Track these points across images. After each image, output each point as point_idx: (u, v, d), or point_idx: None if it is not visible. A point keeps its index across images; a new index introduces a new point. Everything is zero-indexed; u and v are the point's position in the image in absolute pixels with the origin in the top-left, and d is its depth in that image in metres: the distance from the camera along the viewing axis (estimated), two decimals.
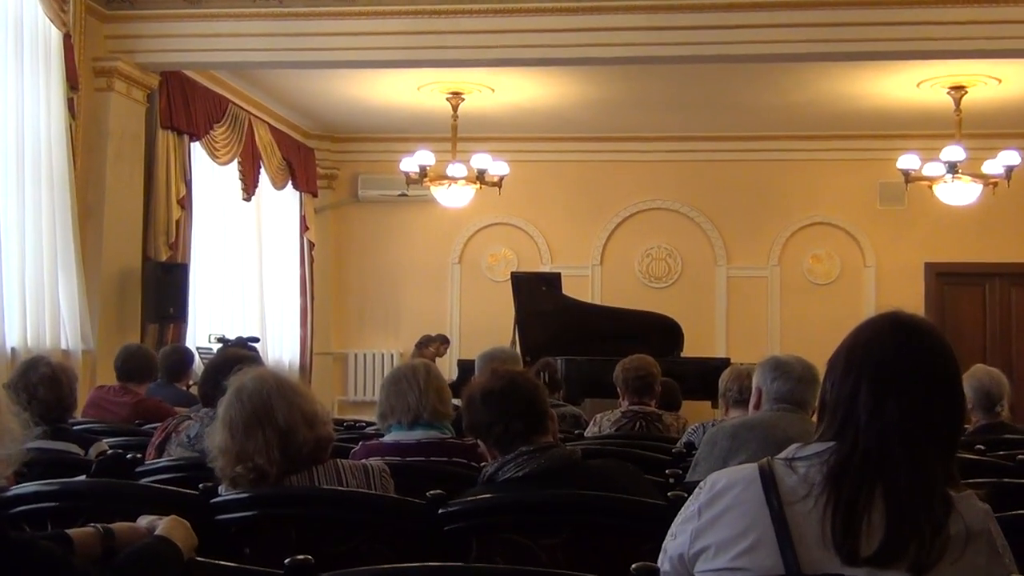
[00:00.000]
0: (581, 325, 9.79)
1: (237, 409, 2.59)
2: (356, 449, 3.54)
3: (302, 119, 11.65)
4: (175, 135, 8.83)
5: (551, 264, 12.04)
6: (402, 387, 3.48)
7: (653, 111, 10.88)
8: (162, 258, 8.55)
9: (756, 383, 3.57)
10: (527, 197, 11.98)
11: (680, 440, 4.43)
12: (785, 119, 11.03)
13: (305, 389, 2.70)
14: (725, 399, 4.47)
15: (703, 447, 3.55)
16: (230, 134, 9.78)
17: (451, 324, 12.16)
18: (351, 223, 12.50)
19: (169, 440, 3.76)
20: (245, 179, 10.22)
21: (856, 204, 11.80)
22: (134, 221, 8.46)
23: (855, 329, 1.75)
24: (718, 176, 11.93)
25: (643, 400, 5.11)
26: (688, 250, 12.04)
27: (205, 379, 3.84)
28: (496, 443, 2.65)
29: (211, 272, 9.73)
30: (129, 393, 5.65)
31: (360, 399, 12.21)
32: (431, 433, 3.46)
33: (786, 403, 3.45)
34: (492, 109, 10.63)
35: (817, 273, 11.91)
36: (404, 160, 9.59)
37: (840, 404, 1.67)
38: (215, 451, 2.61)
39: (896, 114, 10.57)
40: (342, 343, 12.44)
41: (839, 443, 1.65)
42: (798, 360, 3.55)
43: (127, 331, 8.21)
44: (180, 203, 8.81)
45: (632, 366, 5.15)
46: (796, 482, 1.63)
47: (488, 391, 2.68)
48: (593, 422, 5.17)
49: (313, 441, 2.62)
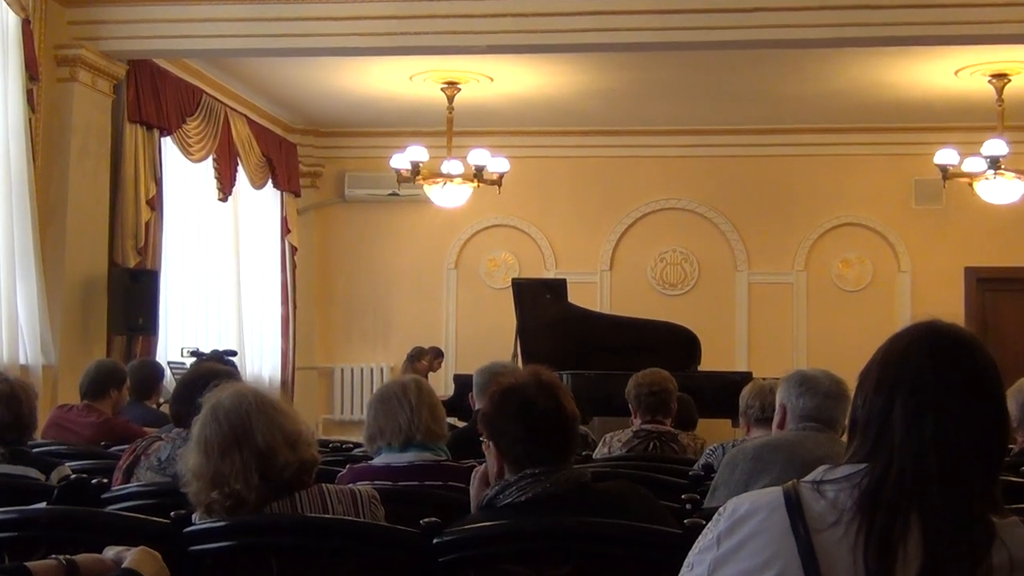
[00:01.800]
0: (589, 336, 9.78)
1: (213, 429, 2.59)
2: (343, 473, 3.53)
3: (283, 112, 11.66)
4: (144, 130, 8.84)
5: (556, 270, 12.04)
6: (392, 405, 3.49)
7: (667, 102, 10.89)
8: (130, 264, 8.56)
9: (780, 400, 3.57)
10: (529, 196, 11.99)
11: (697, 462, 4.44)
12: (811, 110, 11.04)
13: (287, 407, 2.70)
14: (746, 417, 4.47)
15: (722, 470, 3.55)
16: (204, 128, 9.80)
17: (446, 335, 12.16)
18: (337, 225, 12.51)
19: (138, 463, 3.76)
20: (221, 177, 10.24)
21: (889, 203, 11.81)
22: (99, 224, 8.47)
23: (888, 340, 1.74)
24: (738, 173, 11.94)
25: (657, 418, 5.12)
26: (706, 254, 12.05)
27: (177, 396, 3.84)
28: (513, 459, 2.59)
29: (184, 279, 9.74)
30: (94, 412, 5.65)
31: (347, 418, 12.20)
32: (424, 455, 3.46)
33: (813, 421, 3.46)
34: (491, 100, 10.64)
35: (847, 279, 11.92)
36: (395, 156, 9.60)
37: (872, 422, 1.67)
38: (188, 475, 2.61)
39: (933, 105, 10.58)
40: (327, 357, 12.44)
41: (871, 465, 1.65)
42: (826, 375, 3.55)
43: (92, 344, 8.21)
44: (150, 204, 8.83)
45: (645, 381, 5.15)
46: (825, 508, 1.63)
47: (529, 405, 2.59)
48: (602, 442, 5.17)
49: (296, 464, 2.61)
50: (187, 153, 9.55)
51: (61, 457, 4.38)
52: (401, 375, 9.87)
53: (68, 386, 7.45)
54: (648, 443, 5.03)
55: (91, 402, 5.71)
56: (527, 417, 2.58)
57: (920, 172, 11.17)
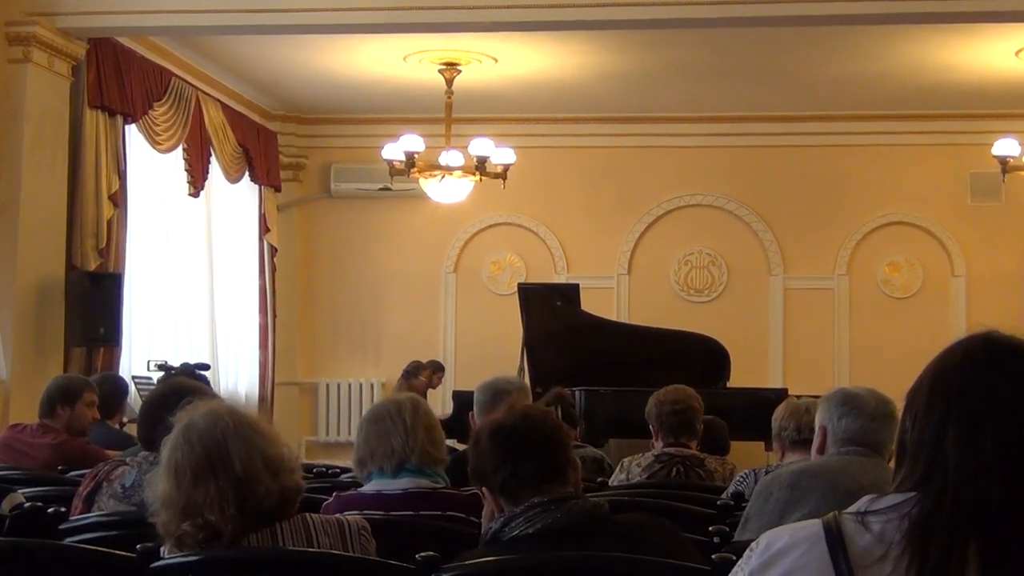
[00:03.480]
0: (604, 348, 9.79)
1: (184, 452, 2.60)
2: (329, 502, 3.54)
3: (262, 97, 11.68)
4: (106, 116, 8.85)
5: (567, 274, 12.05)
6: (384, 426, 3.49)
7: (691, 85, 10.89)
8: (90, 267, 8.57)
9: (820, 421, 3.57)
10: (538, 191, 11.99)
11: (727, 490, 4.45)
12: (854, 95, 11.03)
13: (268, 428, 2.71)
14: (781, 440, 4.47)
15: (755, 499, 3.55)
16: (174, 115, 9.82)
17: (444, 347, 12.16)
18: (322, 223, 12.52)
19: (100, 490, 3.76)
20: (192, 170, 10.25)
21: (942, 199, 11.80)
22: (56, 222, 8.48)
23: (941, 353, 1.75)
24: (772, 165, 11.93)
25: (681, 441, 5.11)
26: (735, 256, 12.05)
27: (144, 416, 3.84)
28: (502, 490, 2.65)
29: (151, 284, 9.75)
30: (50, 432, 5.65)
31: (333, 440, 12.21)
32: (420, 482, 3.46)
33: (856, 445, 3.46)
34: (494, 83, 10.65)
35: (894, 284, 11.91)
36: (387, 146, 9.61)
37: (924, 445, 1.67)
38: (157, 504, 2.61)
39: (991, 89, 10.57)
40: (311, 371, 12.44)
41: (923, 493, 1.65)
42: (871, 393, 3.55)
43: (47, 356, 8.22)
44: (112, 200, 8.83)
45: (667, 399, 5.14)
46: (870, 542, 1.63)
47: (498, 428, 2.69)
48: (620, 468, 5.17)
49: (277, 492, 2.62)
50: (154, 143, 9.56)
51: (13, 483, 4.39)
52: (395, 392, 9.88)
53: (21, 404, 7.47)
54: (671, 469, 5.02)
55: (44, 421, 5.71)
56: (497, 440, 2.66)
57: (976, 164, 11.16)
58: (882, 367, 10.35)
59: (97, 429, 6.07)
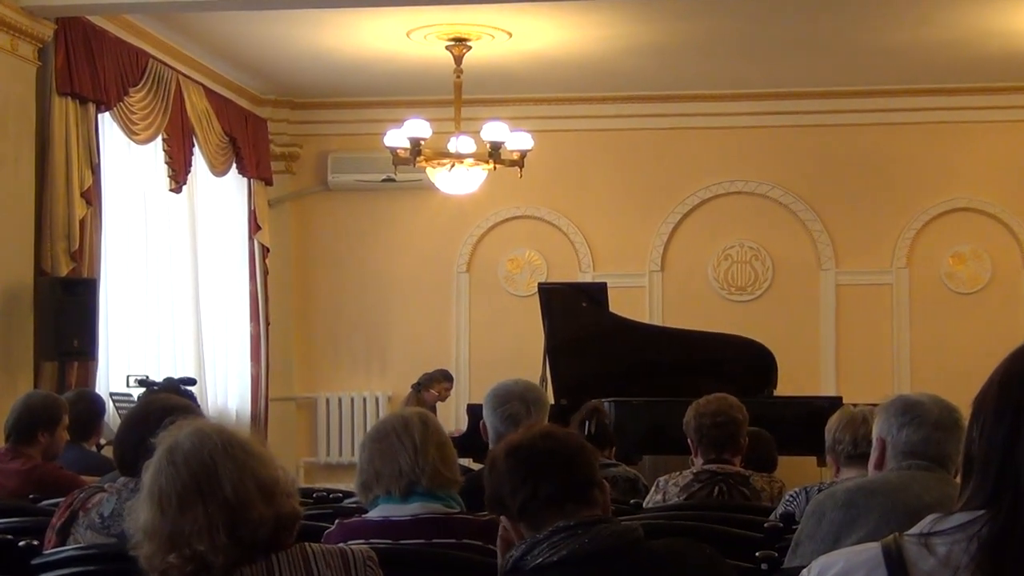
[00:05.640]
0: (636, 354, 9.78)
1: (169, 476, 2.61)
2: (331, 530, 3.54)
3: (250, 80, 11.70)
4: (77, 104, 8.87)
5: (593, 272, 12.04)
6: (391, 444, 3.49)
7: (729, 59, 10.87)
8: (62, 272, 8.58)
9: (878, 432, 3.57)
10: (559, 180, 11.99)
11: (775, 511, 4.45)
12: (913, 67, 10.99)
13: (261, 449, 2.71)
14: (835, 454, 4.46)
15: (807, 521, 3.55)
16: (152, 101, 9.84)
17: (457, 356, 12.17)
18: (319, 220, 12.54)
19: (75, 521, 3.76)
20: (173, 163, 10.26)
21: (1012, 182, 11.76)
22: (23, 223, 8.50)
23: (1012, 354, 1.75)
24: (821, 147, 11.91)
25: (723, 456, 5.12)
26: (782, 249, 12.03)
27: (124, 437, 3.85)
28: (522, 514, 2.64)
29: (129, 291, 9.76)
30: (20, 457, 5.67)
31: (335, 461, 12.23)
32: (432, 506, 3.46)
33: (919, 458, 3.46)
34: (508, 61, 10.65)
35: (959, 278, 11.87)
36: (390, 132, 9.62)
37: (993, 457, 1.67)
38: (139, 535, 2.62)
39: None
40: (309, 384, 12.46)
41: (993, 510, 1.65)
42: (935, 400, 3.55)
43: (15, 371, 8.25)
44: (85, 197, 8.85)
45: (708, 410, 5.14)
46: (935, 566, 1.63)
47: (514, 447, 2.69)
48: (655, 487, 5.19)
49: (272, 519, 2.62)
50: (131, 133, 9.59)
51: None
52: (403, 407, 9.85)
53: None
54: (712, 488, 5.03)
55: (17, 445, 5.73)
56: (513, 461, 2.68)
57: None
58: (946, 371, 10.35)
59: (71, 452, 6.07)
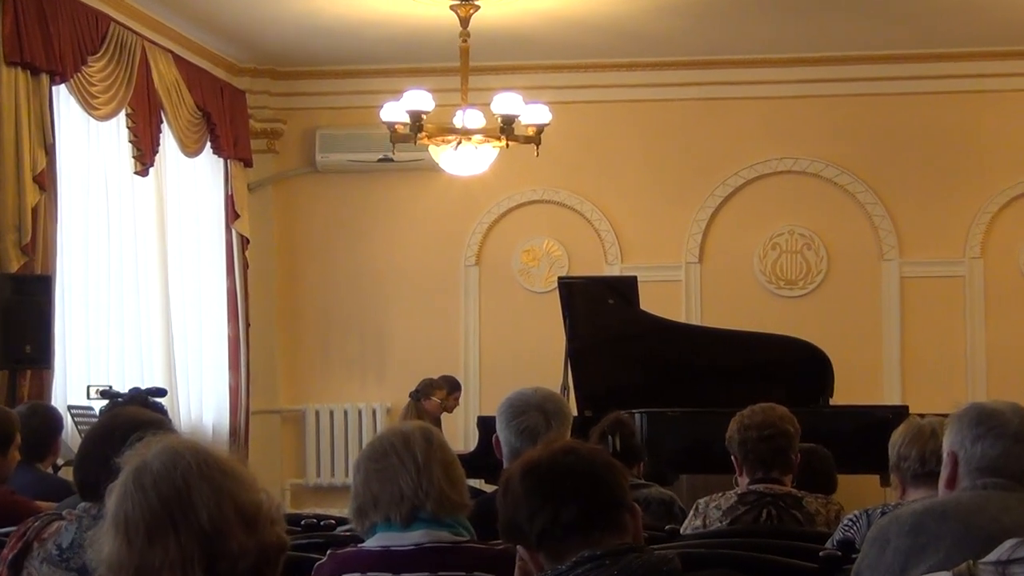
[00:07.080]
0: (671, 358, 9.79)
1: (137, 502, 2.59)
2: (322, 562, 3.55)
3: (227, 46, 11.72)
4: (28, 75, 8.86)
5: (621, 264, 12.08)
6: (389, 464, 3.48)
7: (777, 19, 10.87)
8: (12, 268, 8.58)
9: (949, 446, 3.55)
10: (581, 159, 12.01)
11: (832, 537, 4.44)
12: (987, 27, 11.01)
13: (241, 469, 2.70)
14: (900, 472, 4.48)
15: (868, 548, 3.52)
16: (114, 71, 9.84)
17: (466, 361, 12.19)
18: (306, 206, 12.57)
19: (29, 553, 3.77)
20: (139, 142, 10.26)
21: None
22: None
23: None
24: (882, 120, 11.93)
25: (772, 475, 5.13)
26: (838, 237, 12.05)
27: (84, 457, 3.85)
28: (541, 543, 2.64)
29: (89, 289, 9.78)
30: None
31: (326, 482, 12.28)
32: (438, 534, 3.46)
33: (997, 476, 3.44)
34: (522, 22, 10.65)
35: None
36: (387, 105, 9.61)
37: None
38: (103, 568, 2.61)
39: None
40: (295, 395, 12.49)
41: None
42: (1014, 409, 3.53)
43: None
44: (38, 182, 8.84)
45: (754, 423, 5.15)
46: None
47: (531, 467, 2.67)
48: (694, 511, 5.21)
49: (254, 550, 2.61)
50: (90, 108, 9.58)
51: None
52: (402, 420, 9.86)
53: None
54: (760, 511, 5.04)
55: None
56: (530, 483, 2.71)
57: None
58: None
59: (24, 474, 6.04)
